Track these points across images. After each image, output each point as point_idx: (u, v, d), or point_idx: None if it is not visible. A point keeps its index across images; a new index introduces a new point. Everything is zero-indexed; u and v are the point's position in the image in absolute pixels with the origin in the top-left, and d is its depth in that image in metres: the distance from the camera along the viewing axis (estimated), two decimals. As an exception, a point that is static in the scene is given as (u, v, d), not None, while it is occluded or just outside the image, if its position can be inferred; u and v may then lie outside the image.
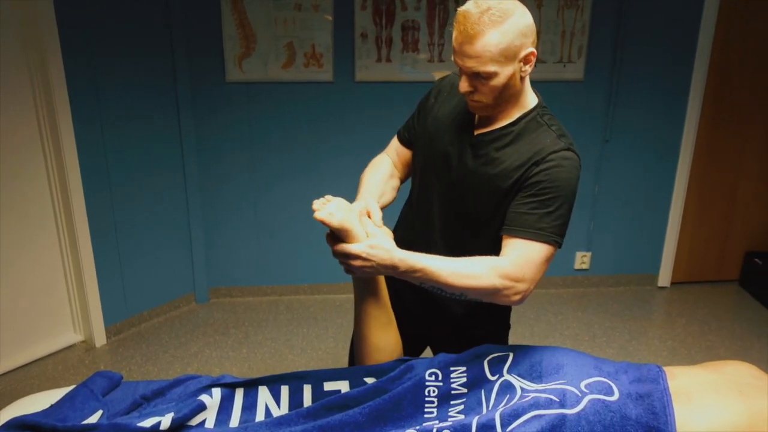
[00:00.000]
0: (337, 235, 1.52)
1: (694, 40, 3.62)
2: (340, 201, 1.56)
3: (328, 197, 1.58)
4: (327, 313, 3.73)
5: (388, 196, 1.84)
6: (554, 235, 1.56)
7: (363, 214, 1.60)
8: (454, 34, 1.51)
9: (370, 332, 1.69)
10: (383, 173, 1.86)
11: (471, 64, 1.49)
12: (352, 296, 2.88)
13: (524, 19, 1.49)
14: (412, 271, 1.48)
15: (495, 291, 1.51)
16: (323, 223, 1.48)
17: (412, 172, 1.90)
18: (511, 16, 1.46)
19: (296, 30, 3.38)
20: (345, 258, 1.49)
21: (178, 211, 3.62)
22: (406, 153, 1.91)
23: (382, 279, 1.71)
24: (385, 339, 1.70)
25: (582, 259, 4.01)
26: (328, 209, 1.50)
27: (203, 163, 3.59)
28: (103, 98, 3.14)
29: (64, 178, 3.08)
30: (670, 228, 3.99)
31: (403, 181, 1.95)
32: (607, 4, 3.50)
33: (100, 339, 3.40)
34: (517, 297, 1.54)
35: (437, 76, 3.52)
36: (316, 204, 1.53)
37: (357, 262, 1.48)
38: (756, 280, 4.05)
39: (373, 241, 1.49)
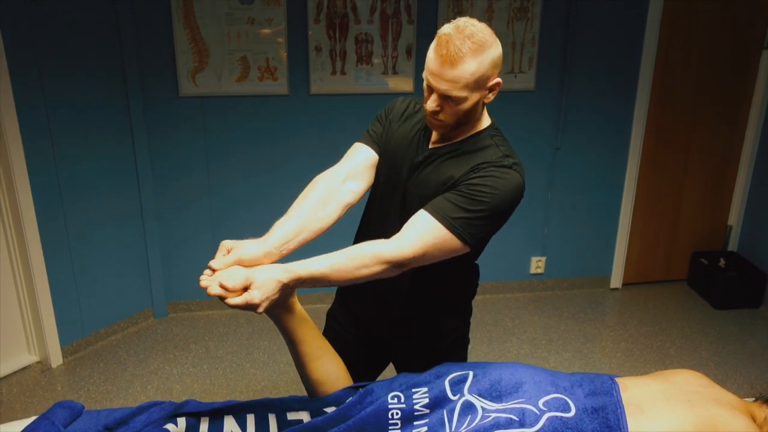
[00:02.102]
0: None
1: (638, 49, 3.74)
2: (227, 264, 1.53)
3: (211, 264, 1.54)
4: (287, 325, 3.73)
5: (316, 226, 1.73)
6: (464, 232, 1.58)
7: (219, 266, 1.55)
8: (433, 55, 1.54)
9: (307, 369, 1.69)
10: (315, 200, 1.75)
11: (445, 87, 1.54)
12: (313, 306, 2.91)
13: (498, 50, 1.56)
14: (300, 283, 1.51)
15: (380, 273, 1.56)
16: (220, 297, 1.46)
17: (372, 186, 1.87)
18: (489, 47, 1.53)
19: (249, 44, 3.37)
20: (244, 309, 1.49)
21: (134, 225, 3.57)
22: (368, 160, 1.84)
23: (300, 313, 1.69)
24: (323, 371, 1.70)
25: (537, 264, 4.10)
26: (219, 281, 1.47)
27: (158, 177, 3.55)
28: (53, 115, 3.09)
29: (14, 194, 3.01)
30: (620, 231, 4.11)
31: (361, 193, 1.86)
32: (555, 16, 3.59)
33: (56, 359, 3.33)
34: (397, 271, 1.59)
35: (390, 83, 3.56)
36: (204, 281, 1.49)
37: (259, 309, 1.47)
38: (702, 279, 4.19)
39: (255, 283, 1.47)
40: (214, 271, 1.53)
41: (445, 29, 1.54)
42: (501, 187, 1.59)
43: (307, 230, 1.70)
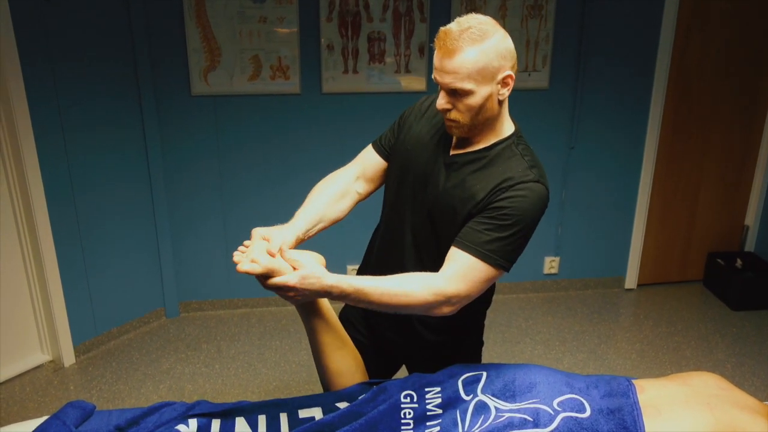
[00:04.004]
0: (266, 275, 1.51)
1: (654, 49, 3.69)
2: (259, 245, 1.56)
3: (246, 243, 1.58)
4: (299, 325, 3.72)
5: (332, 216, 1.80)
6: (501, 259, 1.57)
7: (282, 247, 1.58)
8: (435, 51, 1.54)
9: (326, 359, 1.69)
10: (332, 193, 1.81)
11: (448, 80, 1.52)
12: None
13: (504, 42, 1.52)
14: (344, 295, 1.50)
15: (428, 306, 1.54)
16: (248, 274, 1.47)
17: (384, 186, 1.88)
18: (491, 37, 1.49)
19: (261, 42, 3.37)
20: (278, 290, 1.49)
21: (146, 225, 3.58)
22: (378, 165, 1.87)
23: (326, 304, 1.71)
24: (342, 362, 1.70)
25: (551, 264, 4.06)
26: (251, 257, 1.50)
27: (170, 177, 3.55)
28: (66, 116, 3.09)
29: (27, 192, 3.01)
30: (635, 231, 4.07)
31: (366, 195, 1.91)
32: (569, 14, 3.56)
33: (68, 358, 3.34)
34: (449, 310, 1.57)
35: (403, 82, 3.54)
36: (236, 257, 1.53)
37: (290, 293, 1.48)
38: (719, 280, 4.14)
39: (305, 271, 1.48)
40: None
41: (447, 25, 1.53)
42: (530, 206, 1.57)
43: (326, 218, 1.78)
